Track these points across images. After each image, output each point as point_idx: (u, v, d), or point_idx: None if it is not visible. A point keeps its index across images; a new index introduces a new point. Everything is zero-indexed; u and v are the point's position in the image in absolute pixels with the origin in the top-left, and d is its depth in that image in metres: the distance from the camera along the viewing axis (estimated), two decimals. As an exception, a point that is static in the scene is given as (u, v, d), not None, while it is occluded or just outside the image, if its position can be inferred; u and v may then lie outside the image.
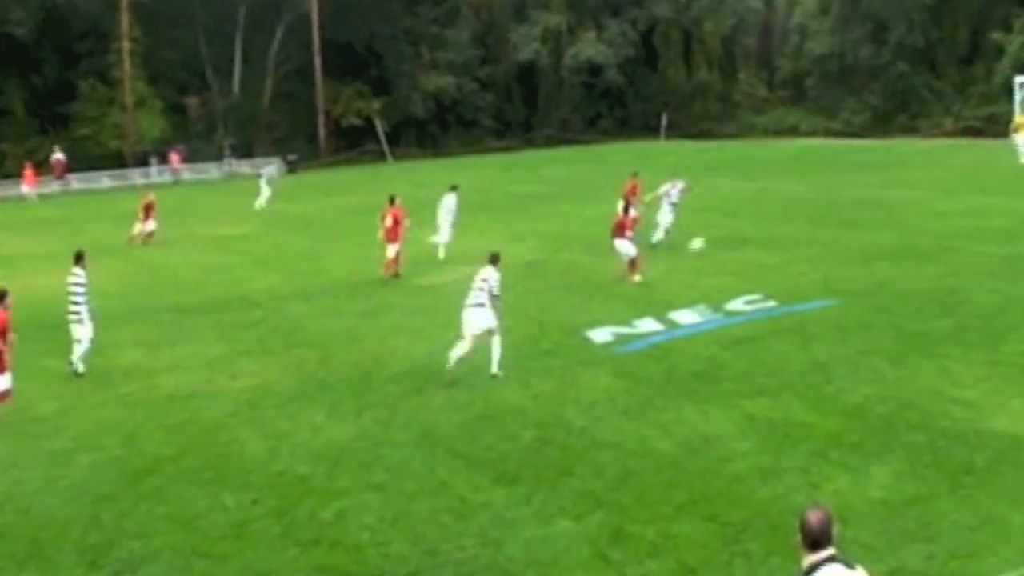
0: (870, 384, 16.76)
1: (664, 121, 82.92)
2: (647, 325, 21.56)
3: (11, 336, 17.16)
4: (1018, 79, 64.76)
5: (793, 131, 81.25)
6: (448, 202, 33.39)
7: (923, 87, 78.80)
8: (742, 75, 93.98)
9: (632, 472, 13.72)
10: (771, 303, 22.87)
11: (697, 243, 28.51)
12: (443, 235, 32.70)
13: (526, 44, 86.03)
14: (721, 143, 77.02)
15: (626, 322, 21.70)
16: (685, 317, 22.07)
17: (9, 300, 17.34)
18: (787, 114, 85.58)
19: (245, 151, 75.73)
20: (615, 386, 17.66)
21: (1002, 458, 13.42)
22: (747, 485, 13.08)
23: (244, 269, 33.02)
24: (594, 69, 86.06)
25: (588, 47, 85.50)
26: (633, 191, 33.99)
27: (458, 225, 33.19)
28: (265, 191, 50.20)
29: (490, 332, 18.44)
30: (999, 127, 66.75)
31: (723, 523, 12.05)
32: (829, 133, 78.34)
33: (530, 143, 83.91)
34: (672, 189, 32.00)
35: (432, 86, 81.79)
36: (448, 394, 17.68)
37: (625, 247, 26.83)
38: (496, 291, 18.55)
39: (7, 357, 16.99)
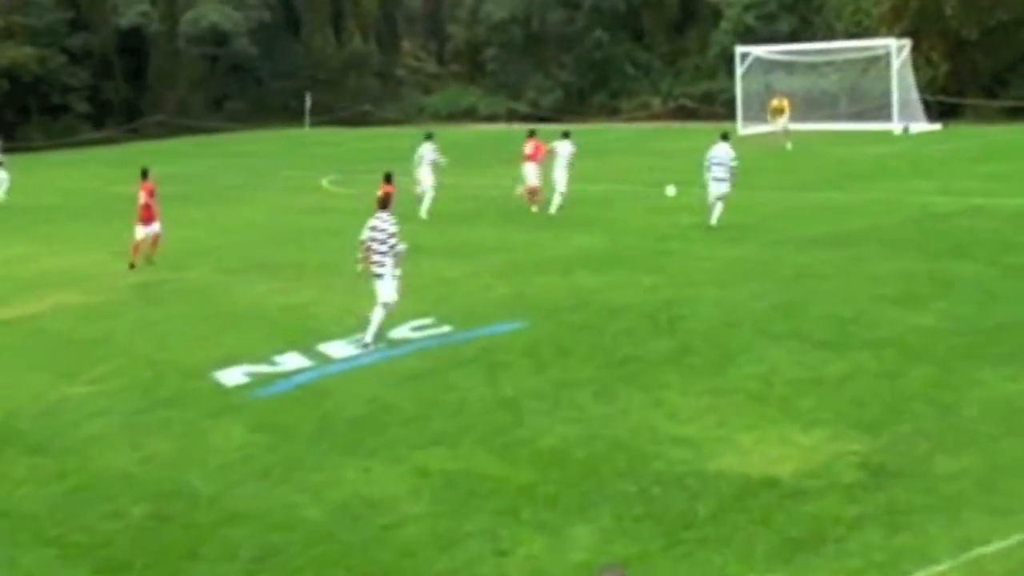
0: (570, 423, 17.14)
1: (308, 103, 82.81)
2: (291, 361, 21.47)
3: None
4: (739, 49, 67.23)
5: (470, 114, 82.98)
6: (564, 150, 37.40)
7: (626, 59, 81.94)
8: (406, 45, 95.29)
9: (276, 549, 13.59)
10: (447, 328, 23.15)
11: (671, 190, 36.46)
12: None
13: (130, 5, 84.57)
14: (382, 130, 77.71)
15: (265, 358, 21.55)
16: (339, 350, 22.09)
17: None
18: (462, 93, 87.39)
19: None
20: (252, 441, 17.49)
21: (729, 505, 13.92)
22: (421, 556, 13.13)
23: None
24: (220, 38, 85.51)
25: (211, 10, 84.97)
26: (537, 152, 38.02)
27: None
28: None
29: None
30: (716, 107, 70.02)
31: (392, 607, 12.07)
32: (513, 116, 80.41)
33: (137, 132, 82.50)
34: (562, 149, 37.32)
35: (5, 60, 79.29)
36: (31, 463, 17.16)
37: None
38: (398, 244, 21.73)
39: None
